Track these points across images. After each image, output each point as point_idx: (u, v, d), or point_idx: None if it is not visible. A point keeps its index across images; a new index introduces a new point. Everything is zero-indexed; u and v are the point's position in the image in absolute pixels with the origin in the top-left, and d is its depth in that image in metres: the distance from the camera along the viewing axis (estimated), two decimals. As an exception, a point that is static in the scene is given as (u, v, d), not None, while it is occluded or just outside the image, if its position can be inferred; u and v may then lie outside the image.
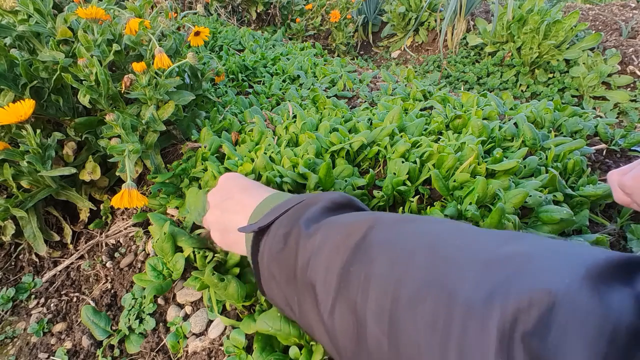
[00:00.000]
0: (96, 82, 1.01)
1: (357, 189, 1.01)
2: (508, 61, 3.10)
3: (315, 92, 1.64)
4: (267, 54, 2.22)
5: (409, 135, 1.18)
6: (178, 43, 1.31)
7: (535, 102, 1.48)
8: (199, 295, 0.93)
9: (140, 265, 1.07)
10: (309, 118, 1.28)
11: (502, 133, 1.18)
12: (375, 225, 0.42)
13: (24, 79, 1.02)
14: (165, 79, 1.07)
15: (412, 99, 1.57)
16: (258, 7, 3.32)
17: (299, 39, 3.48)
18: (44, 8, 1.09)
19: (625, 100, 2.67)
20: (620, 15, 3.44)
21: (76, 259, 1.16)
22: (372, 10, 4.16)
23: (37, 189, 1.08)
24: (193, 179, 1.14)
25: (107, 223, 1.23)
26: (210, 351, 0.83)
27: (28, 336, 1.00)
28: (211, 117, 1.37)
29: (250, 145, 1.18)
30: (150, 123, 1.07)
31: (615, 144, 1.26)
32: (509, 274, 0.31)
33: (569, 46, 2.93)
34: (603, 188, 0.99)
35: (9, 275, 1.17)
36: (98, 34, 1.07)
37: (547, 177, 0.99)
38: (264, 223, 0.54)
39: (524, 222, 0.91)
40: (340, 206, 0.54)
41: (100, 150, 1.13)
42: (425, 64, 3.57)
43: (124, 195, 0.84)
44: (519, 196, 0.86)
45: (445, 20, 3.21)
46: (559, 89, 2.89)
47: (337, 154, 1.13)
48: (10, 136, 1.00)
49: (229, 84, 1.86)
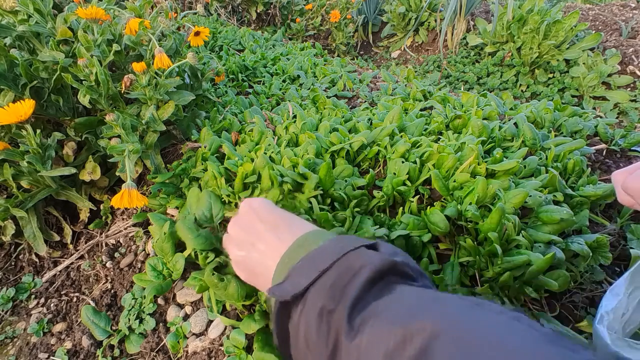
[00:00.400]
0: (96, 82, 1.01)
1: (357, 189, 1.01)
2: (508, 61, 3.10)
3: (315, 92, 1.64)
4: (267, 54, 2.22)
5: (409, 135, 1.19)
6: (178, 43, 1.31)
7: (535, 102, 1.48)
8: (199, 295, 0.93)
9: (140, 265, 1.07)
10: (309, 118, 1.28)
11: (502, 133, 1.18)
12: (440, 335, 0.34)
13: (24, 79, 1.02)
14: (165, 79, 1.07)
15: (412, 99, 1.57)
16: (258, 7, 3.32)
17: (299, 39, 3.48)
18: (44, 8, 1.09)
19: (625, 100, 2.67)
20: (620, 15, 3.44)
21: (76, 259, 1.16)
22: (372, 10, 4.17)
23: (37, 189, 1.08)
24: (193, 179, 1.14)
25: (107, 223, 1.23)
26: (210, 351, 0.83)
27: (28, 336, 1.00)
28: (211, 117, 1.37)
29: (250, 145, 1.18)
30: (150, 123, 1.07)
31: (615, 144, 1.26)
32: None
33: (569, 46, 2.93)
34: (603, 188, 0.99)
35: (9, 275, 1.17)
36: (98, 34, 1.07)
37: (547, 177, 0.99)
38: (298, 290, 0.45)
39: (524, 222, 0.91)
40: (385, 273, 0.46)
41: (100, 150, 1.13)
42: (425, 64, 3.57)
43: (124, 195, 0.84)
44: (519, 196, 0.86)
45: (445, 20, 3.21)
46: (559, 89, 2.89)
47: (337, 154, 1.13)
48: (10, 136, 1.00)
49: (229, 84, 1.86)
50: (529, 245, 0.82)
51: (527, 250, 0.81)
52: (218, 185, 1.05)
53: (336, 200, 0.98)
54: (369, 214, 0.99)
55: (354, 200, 0.97)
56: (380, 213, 0.99)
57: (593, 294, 0.88)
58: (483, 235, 0.85)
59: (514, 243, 0.84)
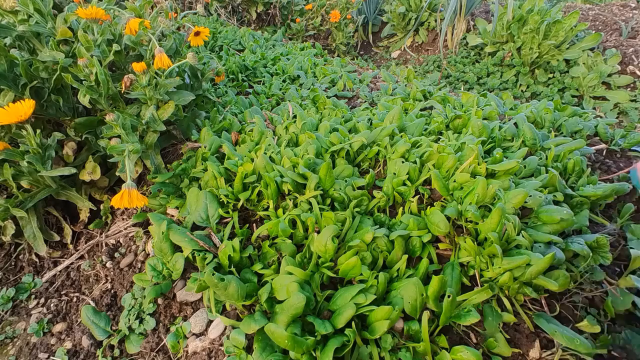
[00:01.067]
0: (96, 82, 1.01)
1: (357, 189, 1.01)
2: (508, 61, 3.10)
3: (315, 92, 1.65)
4: (267, 54, 2.22)
5: (409, 136, 1.19)
6: (178, 43, 1.31)
7: (535, 102, 1.48)
8: (199, 295, 0.93)
9: (140, 265, 1.07)
10: (309, 118, 1.28)
11: (502, 133, 1.18)
12: None
13: (24, 79, 1.02)
14: (165, 79, 1.07)
15: (412, 99, 1.57)
16: (258, 7, 3.32)
17: (299, 39, 3.48)
18: (44, 8, 1.09)
19: (625, 100, 2.67)
20: (620, 15, 3.44)
21: (76, 259, 1.16)
22: (372, 10, 4.17)
23: (37, 189, 1.08)
24: (193, 179, 1.14)
25: (107, 223, 1.23)
26: (210, 351, 0.83)
27: (28, 336, 1.00)
28: (211, 117, 1.37)
29: (250, 145, 1.18)
30: (150, 123, 1.07)
31: (615, 144, 1.26)
32: None
33: (569, 46, 2.93)
34: (603, 188, 0.99)
35: (9, 275, 1.17)
36: (98, 34, 1.07)
37: (547, 177, 0.99)
38: None
39: (524, 222, 0.91)
40: None
41: (100, 150, 1.13)
42: (425, 64, 3.57)
43: (124, 195, 0.84)
44: (519, 197, 0.86)
45: (445, 20, 3.21)
46: (559, 89, 2.89)
47: (337, 154, 1.13)
48: (10, 136, 1.00)
49: (229, 84, 1.86)
50: (529, 246, 0.83)
51: (528, 250, 0.81)
52: (218, 186, 1.05)
53: (336, 201, 0.98)
54: (369, 214, 0.99)
55: (354, 200, 0.97)
56: (380, 213, 0.99)
57: (593, 294, 0.88)
58: (483, 236, 0.85)
59: (514, 243, 0.84)
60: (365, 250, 0.86)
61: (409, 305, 0.77)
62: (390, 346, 0.74)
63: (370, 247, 0.87)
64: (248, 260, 0.92)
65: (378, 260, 0.86)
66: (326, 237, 0.83)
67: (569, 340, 0.74)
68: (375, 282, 0.79)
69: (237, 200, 1.02)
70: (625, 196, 1.11)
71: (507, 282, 0.78)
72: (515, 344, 0.80)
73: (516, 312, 0.82)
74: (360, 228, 0.91)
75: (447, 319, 0.76)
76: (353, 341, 0.73)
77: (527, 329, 0.82)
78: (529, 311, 0.84)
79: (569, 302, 0.87)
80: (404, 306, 0.77)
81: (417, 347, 0.73)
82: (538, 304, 0.86)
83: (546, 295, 0.85)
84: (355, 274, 0.82)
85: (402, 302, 0.77)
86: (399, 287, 0.80)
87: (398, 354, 0.74)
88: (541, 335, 0.81)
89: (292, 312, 0.73)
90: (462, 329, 0.82)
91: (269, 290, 0.80)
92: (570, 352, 0.77)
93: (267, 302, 0.79)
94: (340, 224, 0.90)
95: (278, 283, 0.80)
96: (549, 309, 0.85)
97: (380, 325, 0.73)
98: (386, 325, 0.72)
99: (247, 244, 0.97)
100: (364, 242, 0.85)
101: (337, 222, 0.91)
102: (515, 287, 0.80)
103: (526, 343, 0.80)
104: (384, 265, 0.87)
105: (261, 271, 0.87)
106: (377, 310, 0.74)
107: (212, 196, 1.01)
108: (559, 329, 0.76)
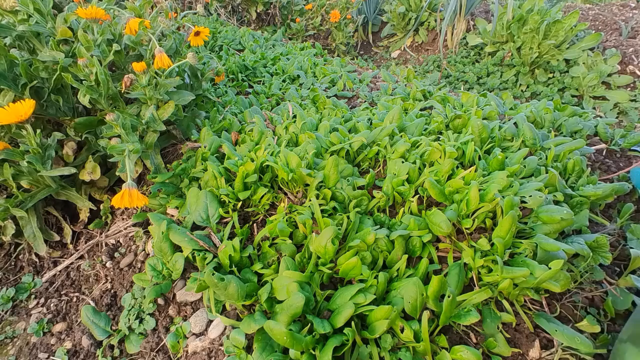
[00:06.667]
0: (96, 82, 1.01)
1: (357, 189, 1.01)
2: (508, 61, 3.10)
3: (315, 92, 1.65)
4: (267, 53, 2.22)
5: (409, 135, 1.19)
6: (178, 43, 1.31)
7: (535, 102, 1.48)
8: (198, 295, 0.93)
9: (140, 265, 1.07)
10: (309, 118, 1.28)
11: (502, 133, 1.18)
12: None
13: (24, 79, 1.02)
14: (165, 79, 1.07)
15: (412, 98, 1.57)
16: (258, 7, 3.32)
17: (299, 39, 3.48)
18: (44, 8, 1.08)
19: (625, 100, 2.67)
20: (620, 15, 3.44)
21: (76, 259, 1.16)
22: (372, 10, 4.17)
23: (37, 189, 1.08)
24: (193, 179, 1.14)
25: (107, 223, 1.23)
26: (210, 351, 0.83)
27: (28, 336, 1.00)
28: (211, 117, 1.37)
29: (250, 145, 1.18)
30: (150, 123, 1.07)
31: (615, 143, 1.26)
32: None
33: (569, 46, 2.93)
34: (603, 188, 0.99)
35: (9, 275, 1.17)
36: (98, 34, 1.07)
37: (547, 177, 0.99)
38: None
39: (523, 222, 0.91)
40: None
41: (100, 150, 1.13)
42: (425, 63, 3.57)
43: (124, 195, 0.83)
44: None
45: (445, 20, 3.21)
46: (559, 88, 2.89)
47: (337, 153, 1.13)
48: (10, 136, 1.00)
49: (229, 84, 1.86)
50: (530, 254, 0.82)
51: (530, 260, 0.79)
52: (218, 185, 1.05)
53: (337, 200, 0.98)
54: (369, 214, 0.99)
55: (354, 200, 0.97)
56: (380, 213, 0.99)
57: (593, 294, 0.88)
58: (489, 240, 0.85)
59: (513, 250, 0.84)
60: (365, 250, 0.86)
61: (409, 305, 0.77)
62: (390, 346, 0.74)
63: (370, 247, 0.87)
64: (248, 260, 0.92)
65: (378, 260, 0.86)
66: (326, 238, 0.83)
67: (570, 339, 0.74)
68: (375, 282, 0.79)
69: (237, 200, 1.02)
70: (625, 196, 1.11)
71: (507, 288, 0.78)
72: (515, 344, 0.80)
73: (516, 312, 0.82)
74: (360, 228, 0.91)
75: (447, 318, 0.76)
76: (352, 340, 0.73)
77: (526, 329, 0.82)
78: (529, 311, 0.84)
79: (569, 302, 0.87)
80: (404, 306, 0.77)
81: (417, 347, 0.73)
82: (538, 304, 0.86)
83: (546, 295, 0.85)
84: (356, 274, 0.82)
85: (402, 302, 0.77)
86: (398, 287, 0.80)
87: (398, 353, 0.74)
88: (541, 335, 0.81)
89: (291, 312, 0.73)
90: (462, 329, 0.82)
91: (269, 290, 0.80)
92: (570, 352, 0.77)
93: (267, 302, 0.79)
94: (340, 226, 0.90)
95: (278, 283, 0.80)
96: (549, 309, 0.85)
97: (380, 324, 0.73)
98: (386, 325, 0.72)
99: (247, 244, 0.97)
100: (365, 243, 0.85)
101: (339, 223, 0.91)
102: (515, 293, 0.80)
103: (526, 343, 0.80)
104: (384, 265, 0.87)
105: (261, 271, 0.87)
106: (376, 309, 0.74)
107: (212, 196, 1.01)
108: (560, 328, 0.76)
